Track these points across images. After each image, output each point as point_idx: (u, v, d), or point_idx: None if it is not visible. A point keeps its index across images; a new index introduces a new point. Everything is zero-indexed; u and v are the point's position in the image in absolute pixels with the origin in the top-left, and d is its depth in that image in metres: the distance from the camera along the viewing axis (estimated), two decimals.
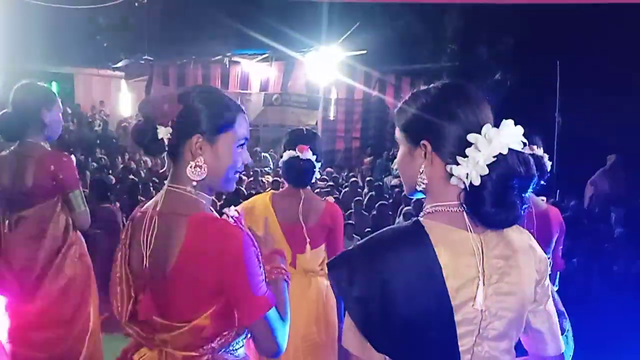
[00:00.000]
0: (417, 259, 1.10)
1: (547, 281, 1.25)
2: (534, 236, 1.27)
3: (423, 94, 1.21)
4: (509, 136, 1.11)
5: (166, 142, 1.37)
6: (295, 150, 2.59)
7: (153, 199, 1.44)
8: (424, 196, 1.22)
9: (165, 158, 1.42)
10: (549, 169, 2.42)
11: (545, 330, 1.25)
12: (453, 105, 1.16)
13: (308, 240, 2.60)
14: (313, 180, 2.73)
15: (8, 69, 9.22)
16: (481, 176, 1.09)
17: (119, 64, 14.50)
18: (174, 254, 1.33)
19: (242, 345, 1.47)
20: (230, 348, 1.42)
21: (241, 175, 9.64)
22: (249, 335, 1.43)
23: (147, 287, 1.38)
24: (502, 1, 8.14)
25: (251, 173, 9.98)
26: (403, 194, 8.94)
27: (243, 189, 7.82)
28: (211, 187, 1.42)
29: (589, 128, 9.70)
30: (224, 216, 1.40)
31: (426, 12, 13.39)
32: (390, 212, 7.94)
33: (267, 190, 5.19)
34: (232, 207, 1.43)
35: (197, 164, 1.36)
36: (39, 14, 10.84)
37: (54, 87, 13.12)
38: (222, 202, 6.85)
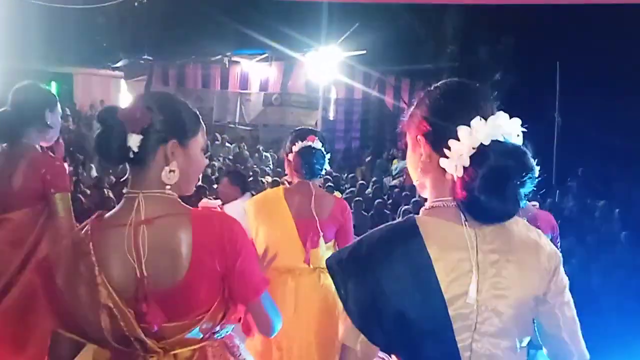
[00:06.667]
0: (408, 253, 1.11)
1: (562, 280, 1.20)
2: None
3: (424, 92, 1.24)
4: (494, 127, 1.10)
5: (135, 149, 1.34)
6: (305, 141, 2.68)
7: (117, 210, 1.39)
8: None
9: (127, 165, 1.40)
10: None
11: (565, 336, 1.20)
12: (449, 101, 1.17)
13: (321, 234, 2.64)
14: (323, 172, 2.78)
15: (7, 69, 9.21)
16: (465, 168, 1.09)
17: (119, 64, 14.50)
18: (186, 253, 1.33)
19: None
20: (226, 330, 1.46)
21: None
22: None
23: (148, 298, 1.33)
24: (502, 2, 8.14)
25: (251, 173, 9.96)
26: (403, 193, 8.98)
27: None
28: (177, 190, 1.43)
29: (588, 128, 9.71)
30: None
31: (426, 13, 13.40)
32: (388, 211, 7.95)
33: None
34: (208, 200, 1.48)
35: (171, 168, 1.38)
36: (38, 13, 10.84)
37: (53, 87, 13.12)
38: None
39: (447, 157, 1.12)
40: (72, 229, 2.49)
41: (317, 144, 2.69)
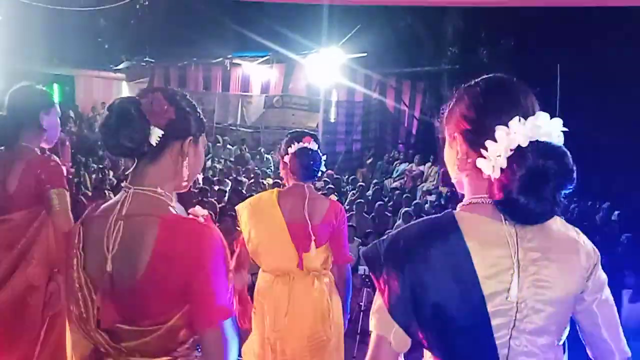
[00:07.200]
0: (447, 248, 1.10)
1: (599, 278, 1.20)
2: None
3: (463, 88, 1.21)
4: (533, 128, 1.07)
5: (154, 143, 1.31)
6: (301, 142, 2.66)
7: (112, 201, 1.38)
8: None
9: (135, 159, 1.36)
10: None
11: (604, 334, 1.20)
12: (488, 100, 1.15)
13: (313, 238, 2.61)
14: (319, 174, 2.76)
15: (9, 71, 9.23)
16: (503, 169, 1.07)
17: (120, 66, 14.55)
18: (145, 257, 1.28)
19: None
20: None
21: (242, 178, 9.64)
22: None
23: (106, 294, 1.30)
24: (502, 4, 8.15)
25: (252, 175, 9.97)
26: (404, 195, 8.98)
27: (244, 191, 7.81)
28: (177, 188, 1.40)
29: (589, 130, 9.70)
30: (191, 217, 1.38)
31: (427, 15, 13.40)
32: (389, 214, 7.96)
33: None
34: (198, 207, 1.40)
35: (184, 165, 1.36)
36: (40, 15, 10.87)
37: (55, 89, 13.16)
38: (222, 204, 6.86)
39: (484, 157, 1.10)
40: (69, 225, 2.45)
41: (313, 145, 2.67)
